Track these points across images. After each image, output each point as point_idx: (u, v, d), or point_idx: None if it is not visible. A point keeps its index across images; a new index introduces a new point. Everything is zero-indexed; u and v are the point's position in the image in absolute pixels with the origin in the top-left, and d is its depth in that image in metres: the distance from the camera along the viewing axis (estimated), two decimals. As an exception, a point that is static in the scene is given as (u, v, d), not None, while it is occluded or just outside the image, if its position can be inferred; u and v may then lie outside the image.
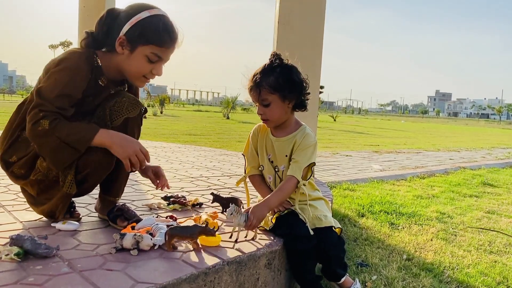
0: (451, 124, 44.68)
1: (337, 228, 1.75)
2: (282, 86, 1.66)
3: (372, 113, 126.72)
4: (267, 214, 1.75)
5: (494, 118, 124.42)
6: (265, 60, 1.73)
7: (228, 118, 22.23)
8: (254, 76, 1.69)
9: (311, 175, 1.77)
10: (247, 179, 1.93)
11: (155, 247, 1.46)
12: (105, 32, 1.63)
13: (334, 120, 29.32)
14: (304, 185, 1.72)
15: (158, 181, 1.81)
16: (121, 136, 1.56)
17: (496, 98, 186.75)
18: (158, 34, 1.60)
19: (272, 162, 1.83)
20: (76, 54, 1.59)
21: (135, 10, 1.60)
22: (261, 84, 1.66)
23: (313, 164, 1.75)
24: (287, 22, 2.89)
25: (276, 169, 1.82)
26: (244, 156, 1.93)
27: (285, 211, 1.76)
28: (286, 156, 1.77)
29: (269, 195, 1.72)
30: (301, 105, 1.75)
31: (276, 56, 1.69)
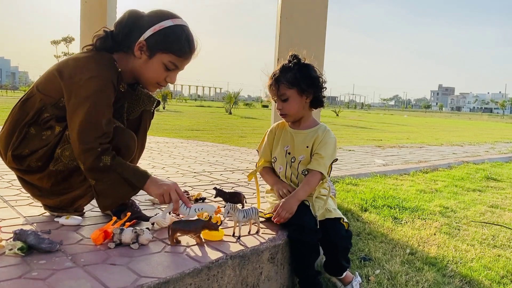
0: (454, 118, 44.52)
1: (345, 222, 1.78)
2: (299, 81, 1.76)
3: (375, 108, 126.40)
4: (277, 202, 1.79)
5: (497, 113, 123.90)
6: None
7: (230, 113, 22.20)
8: (273, 73, 1.80)
9: (331, 171, 1.86)
10: (257, 173, 2.00)
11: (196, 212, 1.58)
12: (125, 34, 1.63)
13: (337, 115, 29.24)
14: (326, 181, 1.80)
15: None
16: (159, 180, 1.60)
17: (500, 92, 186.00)
18: (179, 44, 1.62)
19: (289, 153, 1.88)
20: (101, 65, 1.56)
21: (159, 17, 1.61)
22: (280, 80, 1.77)
23: (336, 160, 1.84)
24: (289, 16, 2.87)
25: (292, 160, 1.87)
26: (258, 152, 2.03)
27: None
28: (307, 147, 1.84)
29: (297, 189, 1.79)
30: (319, 101, 1.83)
31: (294, 56, 1.80)
